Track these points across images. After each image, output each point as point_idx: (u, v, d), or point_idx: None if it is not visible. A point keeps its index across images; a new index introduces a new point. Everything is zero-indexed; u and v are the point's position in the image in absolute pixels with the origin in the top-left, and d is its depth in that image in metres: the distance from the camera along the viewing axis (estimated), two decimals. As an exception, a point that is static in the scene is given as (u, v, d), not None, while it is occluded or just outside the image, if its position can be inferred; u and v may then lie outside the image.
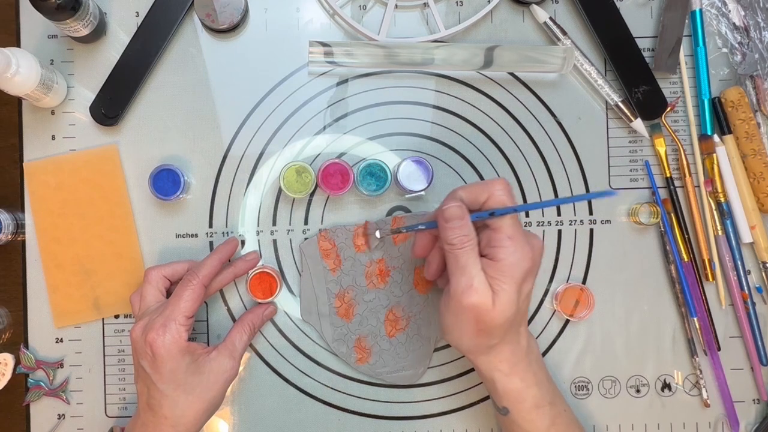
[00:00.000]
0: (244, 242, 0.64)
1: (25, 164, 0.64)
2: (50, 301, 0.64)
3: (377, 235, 0.62)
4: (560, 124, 0.65)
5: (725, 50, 0.65)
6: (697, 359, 0.64)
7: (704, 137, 0.64)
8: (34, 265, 0.64)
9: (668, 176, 0.64)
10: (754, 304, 0.64)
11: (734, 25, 0.65)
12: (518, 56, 0.62)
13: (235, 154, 0.64)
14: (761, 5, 0.64)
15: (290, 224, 0.64)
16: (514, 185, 0.65)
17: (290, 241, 0.64)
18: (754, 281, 0.65)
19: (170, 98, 0.64)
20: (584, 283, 0.65)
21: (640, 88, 0.63)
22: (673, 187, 0.64)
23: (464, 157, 0.65)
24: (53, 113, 0.64)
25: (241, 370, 0.63)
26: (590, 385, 0.65)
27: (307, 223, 0.64)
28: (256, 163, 0.64)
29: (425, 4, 0.64)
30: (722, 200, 0.64)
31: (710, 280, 0.64)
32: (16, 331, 0.64)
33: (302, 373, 0.64)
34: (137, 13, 0.64)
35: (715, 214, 0.64)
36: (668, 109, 0.64)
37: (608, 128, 0.65)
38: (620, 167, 0.65)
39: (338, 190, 0.61)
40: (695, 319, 0.64)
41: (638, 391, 0.65)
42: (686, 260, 0.64)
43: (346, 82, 0.64)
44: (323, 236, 0.63)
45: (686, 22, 0.64)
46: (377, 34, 0.63)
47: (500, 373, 0.54)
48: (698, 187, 0.65)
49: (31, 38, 0.64)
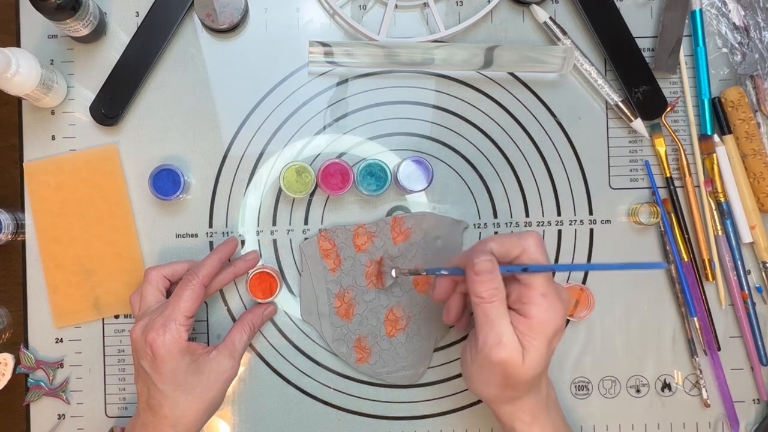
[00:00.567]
0: (244, 242, 0.64)
1: (25, 164, 0.64)
2: (50, 301, 0.64)
3: (393, 274, 0.59)
4: (560, 124, 0.65)
5: (725, 50, 0.65)
6: (697, 359, 0.64)
7: (704, 137, 0.64)
8: (34, 265, 0.64)
9: (668, 176, 0.64)
10: (754, 304, 0.64)
11: (734, 25, 0.65)
12: (518, 56, 0.62)
13: (235, 154, 0.64)
14: (761, 5, 0.64)
15: (290, 224, 0.64)
16: (513, 185, 0.65)
17: (290, 241, 0.64)
18: (754, 281, 0.65)
19: (170, 98, 0.64)
20: (584, 283, 0.65)
21: (640, 88, 0.63)
22: (673, 187, 0.64)
23: (464, 157, 0.65)
24: (53, 113, 0.64)
25: (241, 370, 0.63)
26: (590, 385, 0.65)
27: (307, 223, 0.64)
28: (256, 163, 0.64)
29: (425, 4, 0.64)
30: (722, 200, 0.64)
31: (710, 280, 0.64)
32: (16, 331, 0.64)
33: (302, 373, 0.64)
34: (137, 13, 0.64)
35: (715, 214, 0.64)
36: (668, 109, 0.64)
37: (608, 128, 0.65)
38: (620, 167, 0.65)
39: (338, 190, 0.61)
40: (695, 319, 0.64)
41: (638, 391, 0.65)
42: (686, 260, 0.64)
43: (346, 82, 0.64)
44: (323, 236, 0.63)
45: (686, 22, 0.64)
46: (377, 34, 0.63)
47: (521, 422, 0.53)
48: (698, 187, 0.65)
49: (31, 38, 0.64)
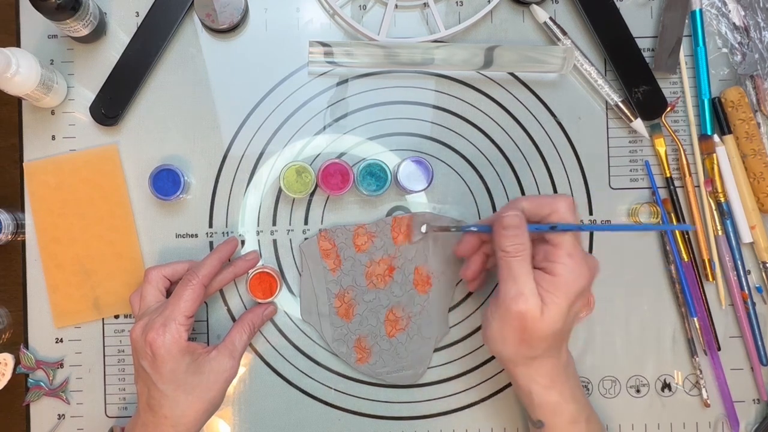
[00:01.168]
0: (244, 242, 0.64)
1: (25, 164, 0.64)
2: (50, 301, 0.64)
3: (422, 229, 0.62)
4: (560, 124, 0.65)
5: (725, 50, 0.65)
6: (697, 359, 0.64)
7: (704, 137, 0.64)
8: (34, 265, 0.64)
9: (668, 176, 0.64)
10: (754, 304, 0.64)
11: (734, 25, 0.65)
12: (518, 56, 0.62)
13: (235, 154, 0.64)
14: (761, 5, 0.64)
15: (290, 224, 0.64)
16: (513, 185, 0.65)
17: (290, 241, 0.64)
18: (754, 281, 0.65)
19: (170, 98, 0.64)
20: (584, 283, 0.65)
21: (640, 88, 0.63)
22: (673, 187, 0.64)
23: (464, 157, 0.65)
24: (53, 113, 0.64)
25: (241, 370, 0.63)
26: (590, 385, 0.65)
27: (307, 223, 0.64)
28: (256, 163, 0.64)
29: (425, 4, 0.64)
30: (722, 200, 0.64)
31: (710, 280, 0.64)
32: (16, 331, 0.64)
33: (302, 373, 0.64)
34: (137, 13, 0.64)
35: (715, 214, 0.64)
36: (668, 109, 0.64)
37: (608, 128, 0.65)
38: (620, 167, 0.65)
39: (338, 190, 0.61)
40: (695, 319, 0.64)
41: (638, 391, 0.65)
42: (686, 260, 0.64)
43: (346, 82, 0.64)
44: (323, 236, 0.63)
45: (686, 22, 0.64)
46: (377, 34, 0.63)
47: (539, 386, 0.54)
48: (698, 187, 0.65)
49: (31, 38, 0.64)
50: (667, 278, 0.65)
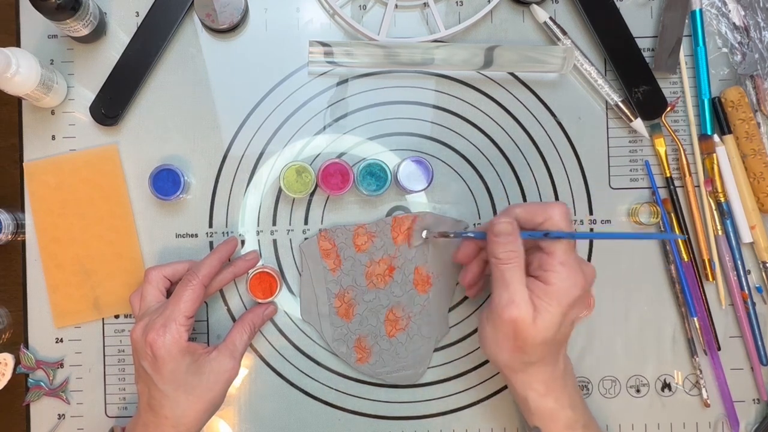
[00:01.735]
0: (244, 242, 0.64)
1: (25, 164, 0.64)
2: (50, 301, 0.64)
3: (423, 235, 0.62)
4: (560, 124, 0.65)
5: (725, 50, 0.65)
6: (697, 359, 0.64)
7: (704, 137, 0.64)
8: (34, 265, 0.64)
9: (668, 176, 0.64)
10: (754, 304, 0.64)
11: (734, 25, 0.65)
12: (518, 56, 0.62)
13: (235, 154, 0.64)
14: (761, 5, 0.64)
15: (290, 224, 0.64)
16: (513, 185, 0.65)
17: (290, 241, 0.64)
18: (754, 281, 0.65)
19: (170, 98, 0.64)
20: (584, 283, 0.65)
21: (640, 88, 0.63)
22: (673, 187, 0.64)
23: (464, 157, 0.65)
24: (53, 113, 0.64)
25: (241, 370, 0.63)
26: (590, 385, 0.65)
27: (307, 223, 0.64)
28: (256, 163, 0.64)
29: (425, 4, 0.64)
30: (722, 200, 0.64)
31: (710, 280, 0.64)
32: (16, 331, 0.64)
33: (302, 373, 0.64)
34: (137, 13, 0.64)
35: (715, 214, 0.64)
36: (668, 109, 0.64)
37: (608, 128, 0.65)
38: (620, 167, 0.65)
39: (338, 190, 0.61)
40: (695, 319, 0.64)
41: (638, 391, 0.65)
42: (686, 260, 0.64)
43: (346, 82, 0.64)
44: (323, 236, 0.63)
45: (686, 22, 0.64)
46: (377, 34, 0.63)
47: (535, 392, 0.54)
48: (698, 187, 0.65)
49: (31, 38, 0.64)
50: (667, 278, 0.65)
